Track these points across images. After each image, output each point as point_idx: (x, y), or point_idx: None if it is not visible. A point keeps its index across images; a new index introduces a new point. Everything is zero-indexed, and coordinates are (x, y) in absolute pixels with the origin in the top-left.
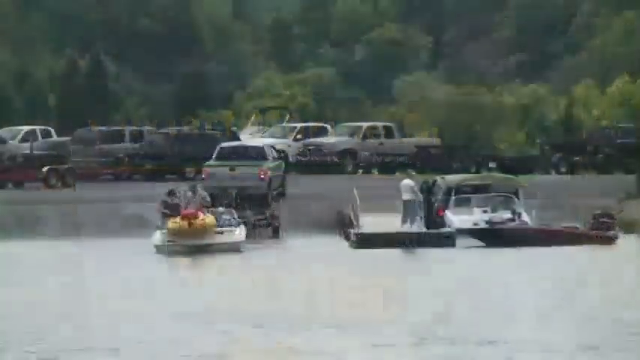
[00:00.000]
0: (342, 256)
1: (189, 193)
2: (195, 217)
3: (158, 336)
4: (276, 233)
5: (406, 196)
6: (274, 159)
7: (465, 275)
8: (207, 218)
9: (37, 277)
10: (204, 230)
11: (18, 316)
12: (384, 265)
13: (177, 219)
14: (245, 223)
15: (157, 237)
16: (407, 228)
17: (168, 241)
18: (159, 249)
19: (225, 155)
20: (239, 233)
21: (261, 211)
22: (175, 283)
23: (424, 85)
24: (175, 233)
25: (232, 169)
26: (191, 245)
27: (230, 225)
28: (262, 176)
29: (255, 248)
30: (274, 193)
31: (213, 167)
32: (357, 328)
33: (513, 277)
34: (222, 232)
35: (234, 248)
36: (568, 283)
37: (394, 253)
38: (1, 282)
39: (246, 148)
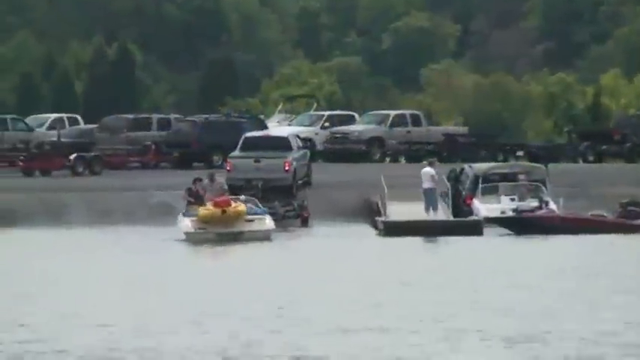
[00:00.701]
0: (368, 244)
1: (206, 181)
2: (228, 204)
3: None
4: (305, 223)
5: (427, 184)
6: (299, 148)
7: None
8: (240, 206)
9: (68, 264)
10: (237, 218)
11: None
12: (410, 255)
13: (210, 206)
14: (273, 214)
15: (187, 224)
16: (432, 216)
17: (199, 228)
18: (189, 236)
19: (250, 146)
20: (269, 222)
21: (288, 202)
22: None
23: (451, 73)
24: (207, 221)
25: (257, 160)
26: (223, 233)
27: (255, 214)
28: (287, 168)
29: (284, 237)
30: (299, 182)
31: (237, 159)
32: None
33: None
34: (252, 220)
35: (265, 236)
36: (592, 272)
37: (421, 242)
38: (22, 271)
39: (270, 138)
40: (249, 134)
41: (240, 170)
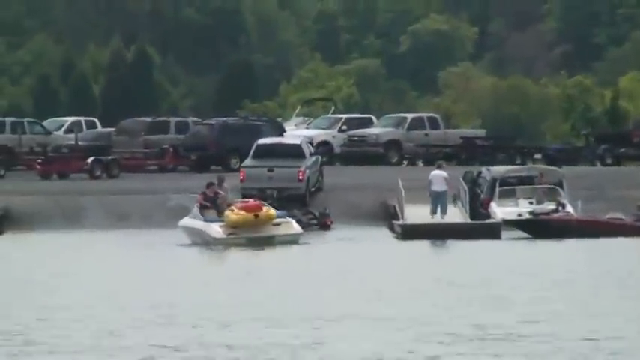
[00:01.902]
0: (385, 248)
1: (215, 185)
2: (260, 209)
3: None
4: (326, 229)
5: (438, 187)
6: (311, 155)
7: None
8: (270, 210)
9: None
10: (268, 222)
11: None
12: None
13: (241, 211)
14: (297, 222)
15: (216, 229)
16: (438, 219)
17: (231, 233)
18: (220, 242)
19: (262, 153)
20: (295, 225)
21: (307, 211)
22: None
23: (469, 76)
24: (239, 225)
25: (270, 170)
26: (254, 237)
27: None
28: (301, 177)
29: (305, 240)
30: (312, 190)
31: (250, 168)
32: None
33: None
34: (279, 224)
35: (293, 240)
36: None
37: (438, 245)
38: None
39: (283, 145)
40: (261, 142)
41: (253, 180)
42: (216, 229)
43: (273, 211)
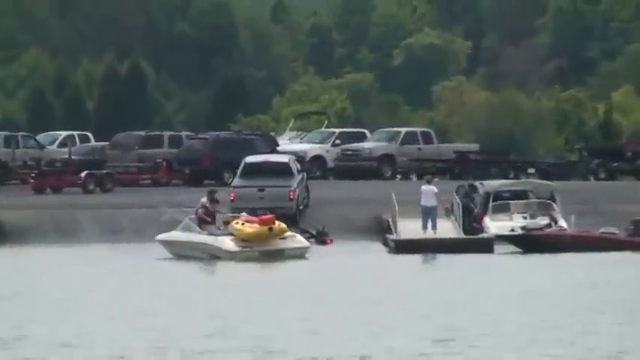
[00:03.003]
0: (378, 263)
1: (204, 199)
2: (274, 222)
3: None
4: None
5: (428, 202)
6: (298, 172)
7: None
8: (282, 224)
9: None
10: (281, 235)
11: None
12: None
13: (254, 224)
14: None
15: (229, 243)
16: (430, 234)
17: (245, 247)
18: (233, 255)
19: (251, 172)
20: (301, 239)
21: (303, 229)
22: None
23: (463, 90)
24: (252, 238)
25: (261, 189)
26: (267, 251)
27: None
28: (292, 197)
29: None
30: (301, 208)
31: (240, 188)
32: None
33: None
34: (286, 238)
35: (302, 254)
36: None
37: (429, 259)
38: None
39: (271, 164)
40: (249, 160)
41: (244, 199)
42: (229, 243)
43: (284, 225)
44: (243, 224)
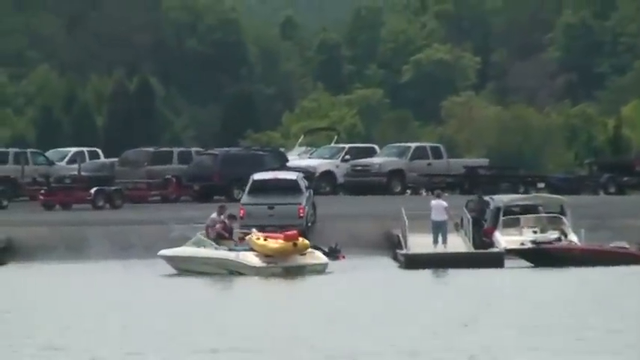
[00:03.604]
0: (388, 279)
1: (214, 215)
2: (297, 238)
3: None
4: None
5: (438, 217)
6: (306, 189)
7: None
8: (305, 240)
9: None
10: (304, 251)
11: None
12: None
13: (279, 240)
14: None
15: (253, 259)
16: (441, 249)
17: (270, 262)
18: (258, 271)
19: (259, 189)
20: (321, 255)
21: (315, 246)
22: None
23: (472, 105)
24: (277, 254)
25: (271, 207)
26: (290, 267)
27: None
28: (301, 214)
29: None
30: (309, 225)
31: (250, 206)
32: None
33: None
34: (305, 254)
35: (322, 269)
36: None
37: (441, 274)
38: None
39: (279, 181)
40: (257, 177)
41: (253, 217)
42: (254, 258)
43: (307, 241)
44: (265, 240)
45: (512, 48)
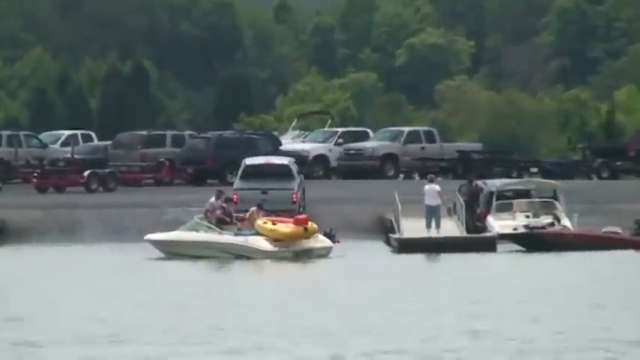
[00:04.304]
0: (380, 262)
1: (212, 199)
2: (307, 221)
3: None
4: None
5: (431, 202)
6: (297, 174)
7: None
8: (313, 224)
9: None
10: (314, 235)
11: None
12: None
13: (290, 224)
14: None
15: (264, 243)
16: (434, 233)
17: (282, 246)
18: (268, 255)
19: (251, 174)
20: (324, 238)
21: None
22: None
23: (465, 90)
24: (288, 238)
25: (264, 192)
26: (299, 251)
27: None
28: (295, 199)
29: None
30: (301, 210)
31: (243, 191)
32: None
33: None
34: (309, 238)
35: (327, 253)
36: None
37: (434, 258)
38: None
39: (272, 166)
40: (249, 162)
41: (246, 202)
42: (265, 243)
43: (315, 225)
44: (274, 224)
45: (506, 32)
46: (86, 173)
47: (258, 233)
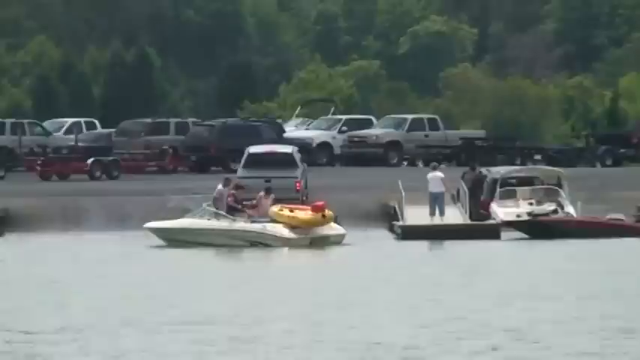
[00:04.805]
0: (384, 249)
1: (220, 186)
2: (324, 208)
3: None
4: None
5: (435, 189)
6: (301, 162)
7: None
8: (329, 211)
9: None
10: (330, 222)
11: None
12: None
13: (307, 211)
14: None
15: (283, 230)
16: (437, 220)
17: (301, 233)
18: (289, 242)
19: (254, 162)
20: (338, 226)
21: None
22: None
23: (469, 77)
24: (307, 226)
25: (267, 180)
26: (317, 238)
27: None
28: (298, 187)
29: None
30: (304, 199)
31: (247, 179)
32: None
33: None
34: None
35: (341, 240)
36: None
37: (437, 246)
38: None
39: (275, 154)
40: (252, 150)
41: (250, 190)
42: (284, 230)
43: (331, 212)
44: (292, 211)
45: (509, 20)
46: (90, 161)
47: (273, 220)
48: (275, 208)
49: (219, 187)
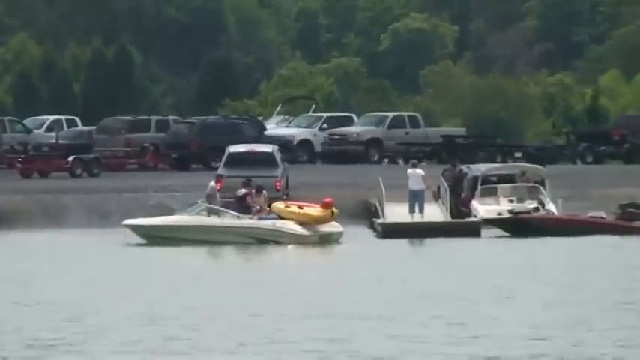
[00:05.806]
0: (364, 247)
1: (212, 183)
2: (332, 206)
3: None
4: None
5: (415, 186)
6: (281, 162)
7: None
8: (335, 209)
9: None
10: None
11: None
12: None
13: (318, 208)
14: None
15: (298, 228)
16: (418, 218)
17: (313, 230)
18: (302, 239)
19: (235, 162)
20: (337, 224)
21: None
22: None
23: (450, 74)
24: (317, 222)
25: (248, 179)
26: (325, 234)
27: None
28: (278, 187)
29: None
30: (284, 197)
31: (228, 179)
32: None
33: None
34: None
35: (340, 237)
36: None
37: (417, 244)
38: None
39: (255, 154)
40: (232, 149)
41: (231, 189)
42: (297, 227)
43: (337, 210)
44: (301, 208)
45: (490, 17)
46: (70, 159)
47: (280, 217)
48: (280, 205)
49: (212, 184)
